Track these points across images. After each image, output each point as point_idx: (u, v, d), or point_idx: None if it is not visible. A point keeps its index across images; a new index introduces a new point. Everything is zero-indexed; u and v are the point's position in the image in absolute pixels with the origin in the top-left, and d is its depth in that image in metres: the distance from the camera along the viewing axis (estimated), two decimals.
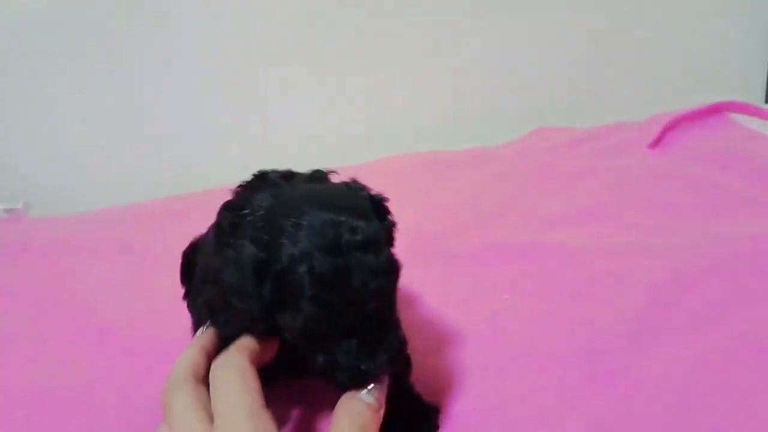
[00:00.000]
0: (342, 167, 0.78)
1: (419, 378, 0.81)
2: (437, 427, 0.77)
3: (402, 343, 0.66)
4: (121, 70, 1.73)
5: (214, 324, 0.71)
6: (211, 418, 0.57)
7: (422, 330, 0.95)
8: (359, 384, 0.62)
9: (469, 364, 0.87)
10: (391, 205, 0.74)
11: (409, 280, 1.07)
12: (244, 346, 0.63)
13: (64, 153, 1.78)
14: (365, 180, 0.74)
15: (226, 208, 0.71)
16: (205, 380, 0.61)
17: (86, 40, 1.73)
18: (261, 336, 0.65)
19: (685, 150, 1.47)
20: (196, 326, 0.80)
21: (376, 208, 0.68)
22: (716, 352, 0.80)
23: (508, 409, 0.77)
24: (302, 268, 0.57)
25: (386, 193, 0.73)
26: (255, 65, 1.81)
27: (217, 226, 0.71)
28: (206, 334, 0.70)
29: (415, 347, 0.86)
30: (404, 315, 0.96)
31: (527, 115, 1.90)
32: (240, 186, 0.74)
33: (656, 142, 1.50)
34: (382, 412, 0.65)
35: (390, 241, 0.71)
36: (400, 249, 1.16)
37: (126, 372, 0.90)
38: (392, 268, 0.62)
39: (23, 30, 1.69)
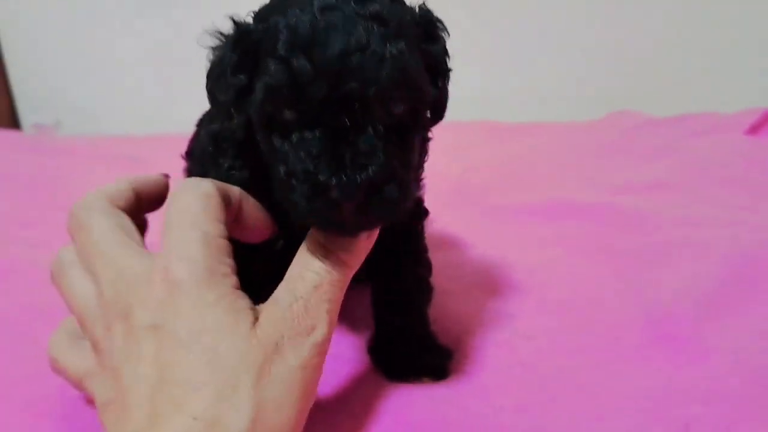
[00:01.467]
0: None
1: (439, 318, 0.69)
2: (447, 372, 0.63)
3: (401, 180, 0.45)
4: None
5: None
6: (141, 248, 0.49)
7: (450, 272, 0.82)
8: (317, 212, 0.44)
9: (497, 312, 0.73)
10: (438, 157, 0.59)
11: (445, 224, 0.95)
12: (216, 185, 0.50)
13: (103, 73, 1.70)
14: None
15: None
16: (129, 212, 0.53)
17: None
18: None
19: None
20: None
21: (425, 26, 0.51)
22: None
23: (532, 367, 0.63)
24: (282, 24, 0.44)
25: (435, 146, 0.59)
26: None
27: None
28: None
29: (442, 287, 0.76)
30: (432, 256, 0.84)
31: (610, 100, 1.71)
32: None
33: (754, 129, 1.30)
34: (368, 242, 0.50)
35: (435, 67, 0.52)
36: (439, 195, 1.06)
37: None
38: (405, 63, 0.44)
39: None
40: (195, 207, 0.47)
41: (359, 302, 0.69)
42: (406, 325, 0.63)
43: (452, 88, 1.66)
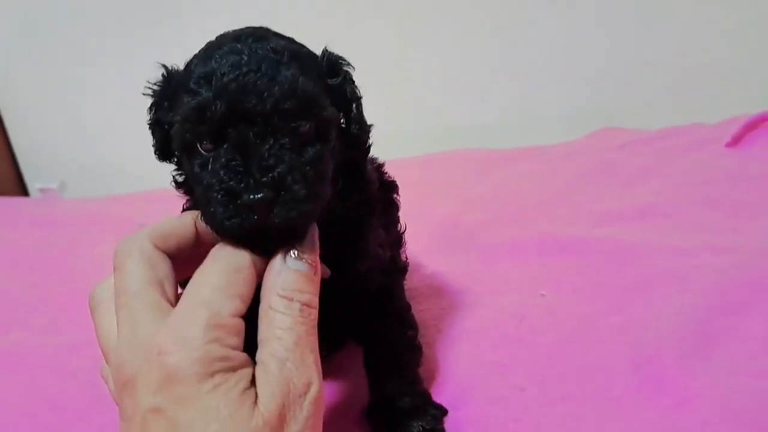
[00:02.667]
0: (392, 159, 0.70)
1: (430, 375, 0.74)
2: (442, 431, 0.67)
3: (308, 181, 0.49)
4: (160, 55, 1.67)
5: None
6: (169, 296, 0.49)
7: (440, 324, 0.86)
8: (233, 217, 0.48)
9: (490, 364, 0.76)
10: (429, 196, 0.63)
11: (437, 269, 0.98)
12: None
13: (103, 136, 1.75)
14: (408, 170, 0.65)
15: None
16: (176, 251, 0.53)
17: (124, 26, 1.70)
18: None
19: (766, 149, 1.28)
20: None
21: (328, 65, 0.57)
22: None
23: (526, 423, 0.66)
24: (194, 64, 0.53)
25: (425, 184, 0.63)
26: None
27: None
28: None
29: (433, 341, 0.81)
30: (425, 306, 0.88)
31: (593, 117, 1.74)
32: None
33: (735, 141, 1.32)
34: (317, 278, 0.51)
35: (346, 105, 0.57)
36: (431, 238, 1.10)
37: None
38: (297, 82, 0.50)
39: (63, 14, 1.69)
40: (216, 281, 0.48)
41: (345, 368, 0.74)
42: (399, 390, 0.67)
43: (441, 118, 1.69)
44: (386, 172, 0.71)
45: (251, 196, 0.47)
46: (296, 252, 0.49)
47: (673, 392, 0.66)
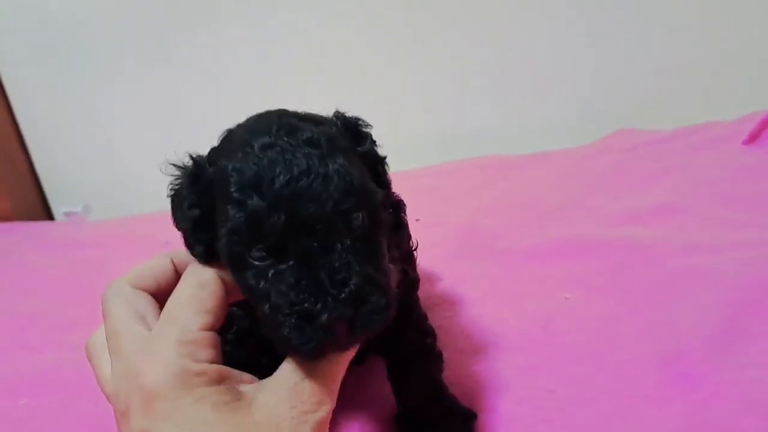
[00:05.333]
0: (408, 169, 0.69)
1: (458, 380, 0.74)
2: None
3: (383, 287, 0.47)
4: (177, 76, 1.71)
5: None
6: (152, 327, 0.50)
7: (467, 330, 0.87)
8: (310, 341, 0.44)
9: (517, 368, 0.77)
10: (445, 204, 0.63)
11: (459, 276, 0.99)
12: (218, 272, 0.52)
13: (124, 157, 1.78)
14: (424, 179, 0.65)
15: None
16: (156, 288, 0.53)
17: (142, 48, 1.74)
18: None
19: None
20: None
21: (351, 132, 0.55)
22: None
23: (556, 423, 0.67)
24: (230, 168, 0.47)
25: (441, 193, 0.63)
26: (313, 67, 1.75)
27: None
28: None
29: (458, 348, 0.82)
30: (449, 312, 0.89)
31: (609, 119, 1.75)
32: None
33: (752, 138, 1.32)
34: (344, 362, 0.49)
35: (373, 167, 0.55)
36: (450, 245, 1.11)
37: None
38: (349, 174, 0.47)
39: (81, 38, 1.73)
40: (183, 298, 0.49)
41: (371, 380, 0.74)
42: (426, 397, 0.68)
43: (455, 125, 1.69)
44: (394, 192, 0.71)
45: (329, 316, 0.43)
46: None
47: (702, 387, 0.66)
